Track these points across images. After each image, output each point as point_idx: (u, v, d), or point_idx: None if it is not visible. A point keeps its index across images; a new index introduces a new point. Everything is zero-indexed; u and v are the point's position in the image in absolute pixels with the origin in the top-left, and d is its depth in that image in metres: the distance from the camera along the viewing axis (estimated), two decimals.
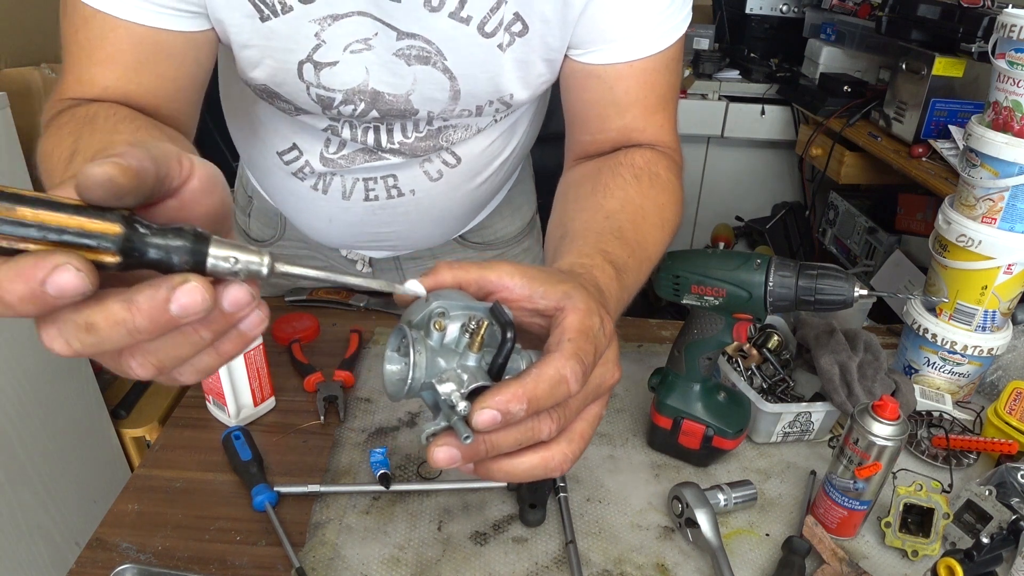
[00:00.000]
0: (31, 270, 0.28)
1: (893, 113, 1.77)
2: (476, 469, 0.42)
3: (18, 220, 0.28)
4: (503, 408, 0.38)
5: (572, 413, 0.42)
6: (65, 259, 0.28)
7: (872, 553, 0.69)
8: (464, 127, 0.78)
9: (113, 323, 0.30)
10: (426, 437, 0.40)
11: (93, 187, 0.29)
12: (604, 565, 0.65)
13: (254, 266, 0.32)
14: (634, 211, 0.63)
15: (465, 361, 0.40)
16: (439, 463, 0.39)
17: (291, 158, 0.81)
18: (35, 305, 0.28)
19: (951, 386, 0.88)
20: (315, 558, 0.64)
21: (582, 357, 0.40)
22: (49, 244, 0.29)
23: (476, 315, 0.41)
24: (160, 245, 0.30)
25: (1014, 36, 0.74)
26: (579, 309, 0.42)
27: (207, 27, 0.64)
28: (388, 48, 0.66)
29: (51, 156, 0.54)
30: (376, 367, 0.90)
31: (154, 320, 0.30)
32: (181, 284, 0.30)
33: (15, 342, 1.25)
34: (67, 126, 0.56)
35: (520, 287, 0.44)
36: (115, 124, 0.56)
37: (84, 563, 0.62)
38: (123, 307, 0.30)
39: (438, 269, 0.43)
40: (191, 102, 0.68)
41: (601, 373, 0.44)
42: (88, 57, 0.61)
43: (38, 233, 0.28)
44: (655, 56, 0.69)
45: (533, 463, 0.42)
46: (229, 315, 0.33)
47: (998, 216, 0.79)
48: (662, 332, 1.02)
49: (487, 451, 0.40)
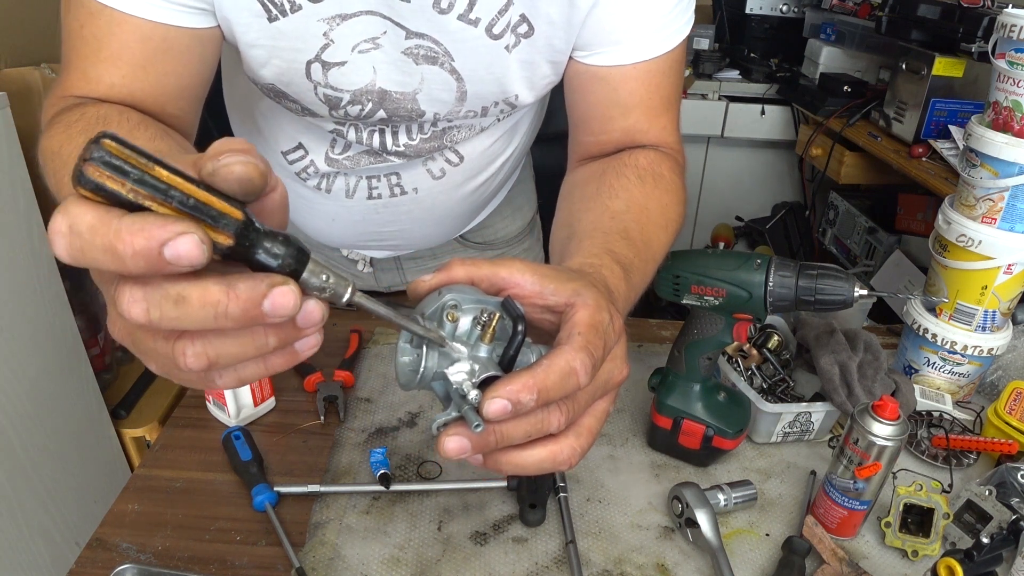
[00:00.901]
0: (156, 229, 0.28)
1: (893, 113, 1.77)
2: (485, 462, 0.42)
3: (154, 178, 0.28)
4: (513, 398, 0.38)
5: (581, 407, 0.42)
6: (191, 227, 0.28)
7: (872, 553, 0.69)
8: (468, 127, 0.79)
9: (206, 302, 0.30)
10: (437, 427, 0.40)
11: (230, 179, 0.30)
12: (604, 565, 0.65)
13: (340, 289, 0.34)
14: (639, 211, 0.63)
15: (477, 352, 0.41)
16: (449, 453, 0.40)
17: (296, 157, 0.81)
18: (145, 263, 0.28)
19: (951, 386, 0.88)
20: (315, 558, 0.64)
21: (592, 350, 0.41)
22: (173, 209, 0.29)
23: (488, 308, 0.41)
24: (268, 245, 0.31)
25: (1014, 36, 0.74)
26: (589, 305, 0.43)
27: (213, 24, 0.64)
28: (396, 47, 0.66)
29: (59, 154, 0.53)
30: (376, 368, 0.90)
31: (246, 311, 0.31)
32: (281, 284, 0.31)
33: (15, 342, 1.25)
34: (77, 124, 0.55)
35: (531, 284, 0.44)
36: (129, 130, 0.56)
37: (84, 563, 0.62)
38: (221, 289, 0.30)
39: (451, 265, 0.44)
40: (195, 101, 0.68)
41: (609, 369, 0.44)
42: (94, 53, 0.61)
43: (166, 196, 0.29)
44: (659, 58, 0.70)
45: (542, 456, 0.42)
46: (298, 329, 0.34)
47: (998, 216, 0.79)
48: (662, 332, 1.02)
49: (497, 442, 0.40)
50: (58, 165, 0.53)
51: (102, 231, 0.28)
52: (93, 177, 0.27)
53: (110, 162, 0.27)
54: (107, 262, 0.28)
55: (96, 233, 0.28)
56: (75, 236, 0.28)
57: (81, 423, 1.46)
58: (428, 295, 0.43)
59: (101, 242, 0.28)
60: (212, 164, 0.30)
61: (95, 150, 0.27)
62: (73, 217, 0.28)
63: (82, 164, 0.27)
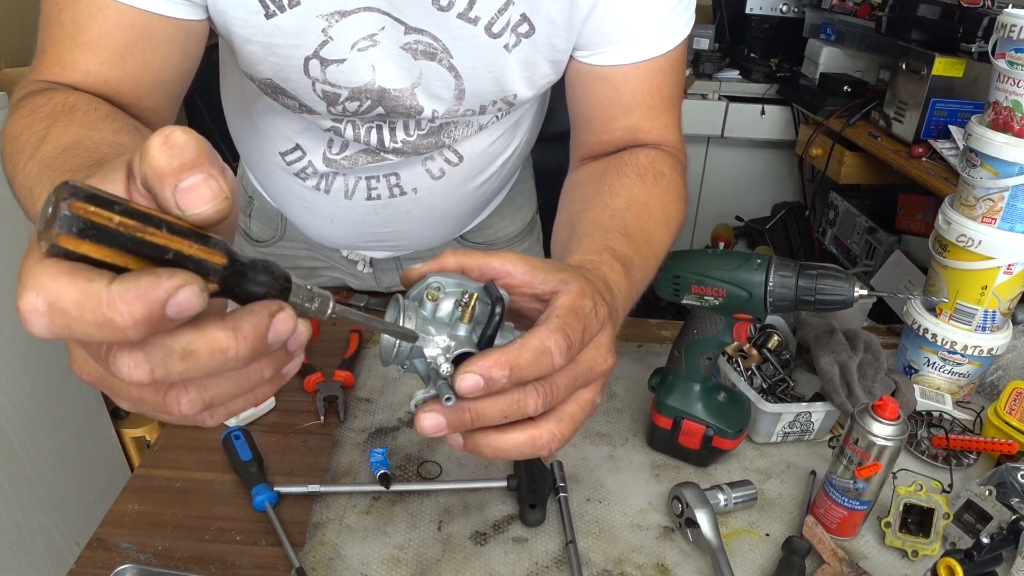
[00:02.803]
0: (153, 291, 0.26)
1: (893, 113, 1.77)
2: (465, 444, 0.43)
3: (131, 234, 0.26)
4: (485, 373, 0.38)
5: (560, 391, 0.42)
6: (186, 277, 0.26)
7: (872, 553, 0.69)
8: (466, 124, 0.78)
9: (215, 350, 0.29)
10: (415, 404, 0.41)
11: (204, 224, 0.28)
12: (604, 565, 0.65)
13: (324, 305, 0.34)
14: (639, 209, 0.63)
15: (455, 331, 0.42)
16: (425, 430, 0.40)
17: (294, 158, 0.81)
18: (147, 329, 0.26)
19: (951, 386, 0.88)
20: (315, 558, 0.64)
21: (569, 332, 0.41)
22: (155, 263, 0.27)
23: (469, 291, 0.42)
24: (253, 279, 0.31)
25: (1014, 36, 0.74)
26: (572, 291, 0.43)
27: (201, 17, 0.63)
28: (395, 42, 0.66)
29: (18, 139, 0.52)
30: (376, 367, 0.90)
31: (254, 349, 0.30)
32: (278, 311, 0.30)
33: (15, 342, 1.25)
34: (41, 110, 0.53)
35: (522, 273, 0.45)
36: (95, 121, 0.53)
37: (84, 563, 0.62)
38: (228, 335, 0.29)
39: (443, 254, 0.45)
40: (173, 96, 0.66)
41: (592, 356, 0.44)
42: (71, 38, 0.58)
43: (147, 254, 0.27)
44: (661, 57, 0.70)
45: (521, 440, 0.42)
46: (289, 355, 0.33)
47: (998, 216, 0.79)
48: (662, 332, 1.02)
49: (472, 420, 0.41)
50: (14, 150, 0.51)
51: (91, 305, 0.25)
52: (67, 246, 0.25)
53: (83, 229, 0.25)
54: (101, 335, 0.26)
55: (84, 309, 0.25)
56: (58, 314, 0.25)
57: (81, 423, 1.46)
58: (418, 281, 0.44)
59: (92, 317, 0.25)
60: (176, 197, 0.28)
61: (63, 216, 0.24)
62: (51, 293, 0.25)
63: (51, 232, 0.25)
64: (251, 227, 1.02)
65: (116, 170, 0.30)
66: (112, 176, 0.30)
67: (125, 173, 0.30)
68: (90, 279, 0.25)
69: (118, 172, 0.30)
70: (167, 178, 0.28)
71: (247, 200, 1.01)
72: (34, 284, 0.25)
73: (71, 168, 0.44)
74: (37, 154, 0.48)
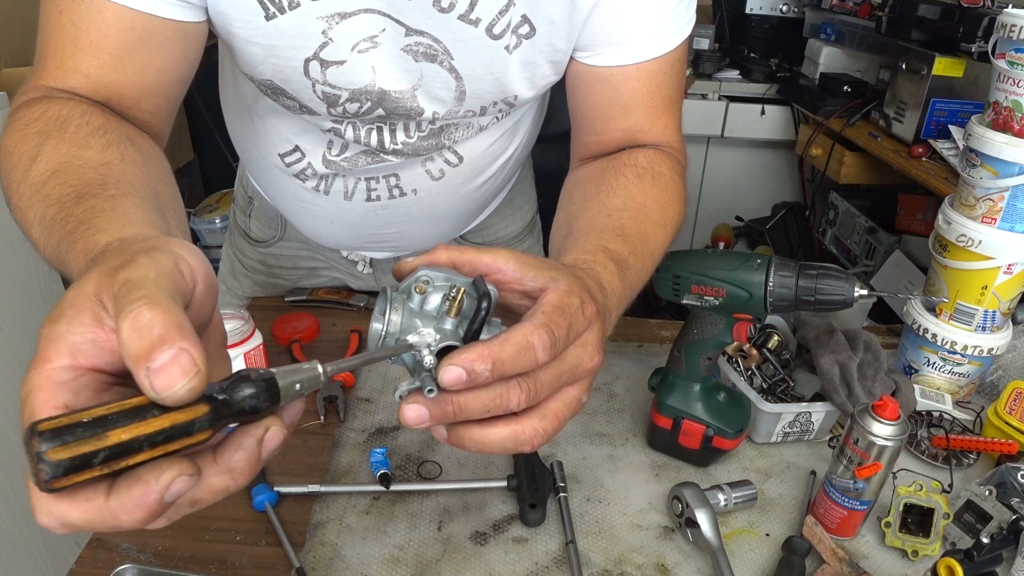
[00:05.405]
0: (148, 497, 0.30)
1: (893, 113, 1.77)
2: (448, 437, 0.43)
3: (114, 447, 0.29)
4: (468, 366, 0.38)
5: (543, 387, 0.42)
6: (175, 469, 0.30)
7: (872, 553, 0.69)
8: (466, 125, 0.78)
9: (216, 492, 0.34)
10: (399, 396, 0.41)
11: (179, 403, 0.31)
12: (604, 565, 0.65)
13: (314, 379, 0.36)
14: (636, 209, 0.63)
15: (442, 325, 0.42)
16: (408, 421, 0.40)
17: (293, 160, 0.81)
18: (153, 519, 0.31)
19: (951, 386, 0.88)
20: (315, 558, 0.64)
21: (553, 328, 0.41)
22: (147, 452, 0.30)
23: (457, 285, 0.42)
24: (240, 402, 0.32)
25: (1014, 36, 0.74)
26: (560, 288, 0.43)
27: (201, 19, 0.63)
28: (396, 43, 0.66)
29: (12, 154, 0.52)
30: (376, 368, 0.90)
31: (249, 476, 0.34)
32: (264, 434, 0.34)
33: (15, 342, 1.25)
34: (35, 124, 0.54)
35: (512, 270, 0.45)
36: (85, 137, 0.53)
37: (84, 563, 0.62)
38: (226, 477, 0.33)
39: (435, 249, 0.46)
40: (172, 98, 0.66)
41: (578, 354, 0.44)
42: (72, 41, 0.59)
43: (135, 452, 0.29)
44: (661, 58, 0.70)
45: (503, 434, 0.42)
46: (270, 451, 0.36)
47: (998, 216, 0.79)
48: (662, 332, 1.02)
49: (455, 413, 0.41)
50: (9, 167, 0.52)
51: (98, 520, 0.30)
52: (61, 485, 0.28)
53: (68, 469, 0.28)
54: (112, 530, 0.31)
55: (93, 524, 0.30)
56: (69, 527, 0.30)
57: None
58: (409, 274, 0.45)
59: (102, 526, 0.30)
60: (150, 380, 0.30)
61: (44, 464, 0.28)
62: (59, 517, 0.30)
63: (41, 478, 0.28)
64: (251, 227, 1.02)
65: (82, 310, 0.32)
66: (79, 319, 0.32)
67: (92, 316, 0.32)
68: (89, 497, 0.30)
69: (85, 314, 0.32)
70: (140, 361, 0.30)
71: (247, 200, 1.01)
72: (42, 509, 0.30)
73: (56, 199, 0.46)
74: (29, 175, 0.50)
